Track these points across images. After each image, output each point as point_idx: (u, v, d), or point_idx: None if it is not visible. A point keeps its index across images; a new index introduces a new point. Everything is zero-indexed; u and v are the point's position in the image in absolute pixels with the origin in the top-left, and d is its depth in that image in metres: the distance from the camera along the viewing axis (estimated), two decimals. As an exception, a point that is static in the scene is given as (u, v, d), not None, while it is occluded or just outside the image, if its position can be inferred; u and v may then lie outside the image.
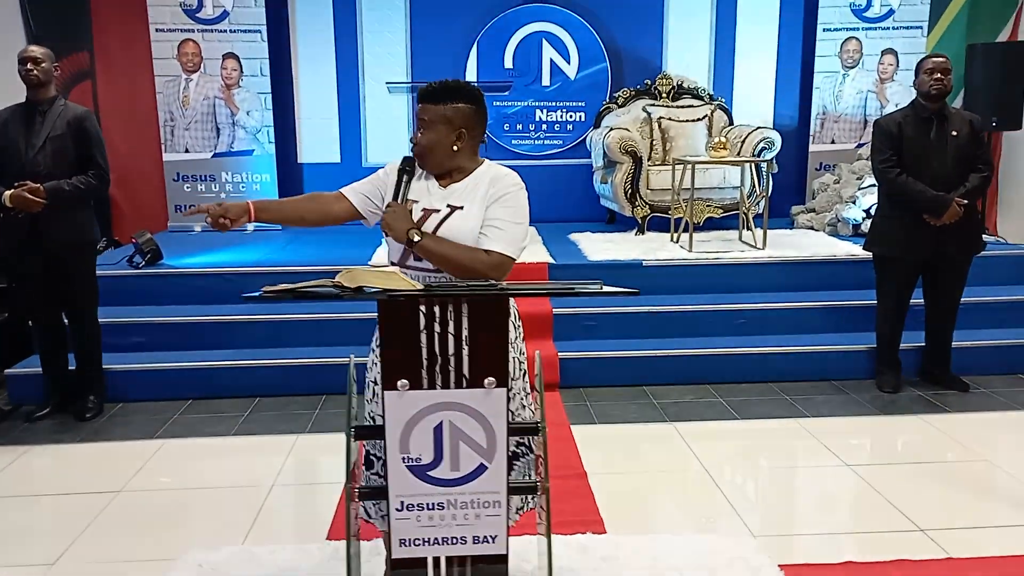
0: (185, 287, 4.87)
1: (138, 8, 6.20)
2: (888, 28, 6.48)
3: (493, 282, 1.87)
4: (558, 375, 4.40)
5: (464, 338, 1.81)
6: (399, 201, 2.09)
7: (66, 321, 4.10)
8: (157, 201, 6.45)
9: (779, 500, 3.24)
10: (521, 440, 2.12)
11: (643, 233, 5.87)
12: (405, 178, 2.11)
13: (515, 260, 2.08)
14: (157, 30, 6.18)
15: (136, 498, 3.24)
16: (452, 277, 2.04)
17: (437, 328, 1.81)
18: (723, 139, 5.31)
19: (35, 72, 3.77)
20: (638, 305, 4.64)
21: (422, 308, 1.80)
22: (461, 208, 2.09)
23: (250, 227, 6.38)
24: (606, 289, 1.85)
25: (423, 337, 1.81)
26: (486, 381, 1.83)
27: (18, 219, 3.74)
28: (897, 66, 6.50)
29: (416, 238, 2.01)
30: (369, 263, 4.93)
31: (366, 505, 2.12)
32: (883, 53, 6.51)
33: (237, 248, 5.60)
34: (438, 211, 2.09)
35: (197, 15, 6.20)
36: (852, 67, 6.54)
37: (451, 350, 1.82)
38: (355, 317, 4.43)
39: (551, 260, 5.04)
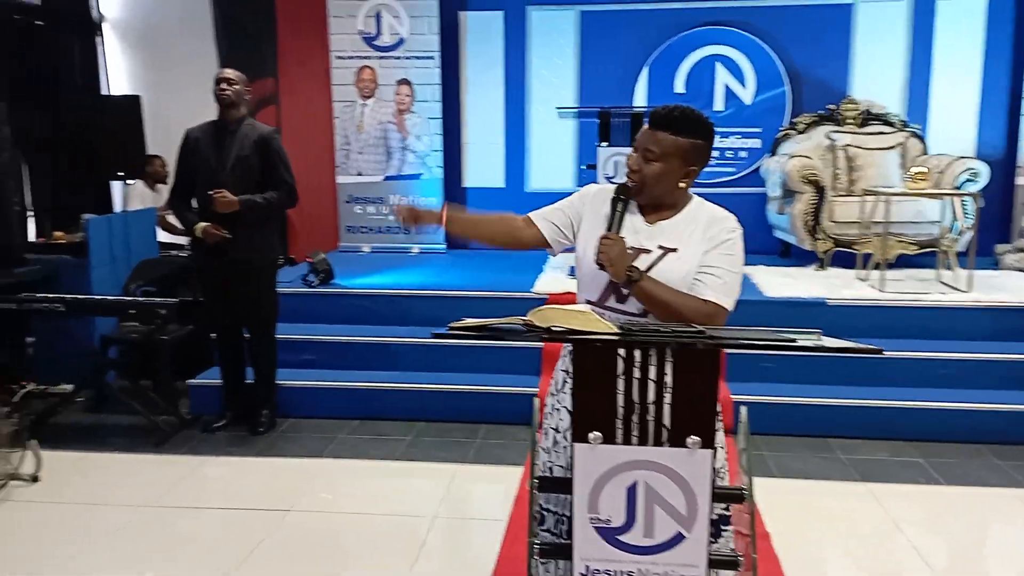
0: (354, 307, 4.94)
1: (320, 36, 6.46)
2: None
3: (701, 329, 1.67)
4: (732, 419, 4.09)
5: (666, 390, 1.62)
6: (616, 232, 1.91)
7: (246, 336, 4.24)
8: (330, 222, 6.67)
9: (998, 585, 2.83)
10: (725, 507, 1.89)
11: (824, 268, 5.44)
12: (620, 207, 1.93)
13: (729, 312, 1.90)
14: (338, 57, 6.41)
15: (302, 519, 3.24)
16: (652, 321, 1.86)
17: (636, 376, 1.63)
18: (923, 169, 4.83)
19: (228, 92, 3.94)
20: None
21: (621, 354, 1.63)
22: (675, 251, 1.90)
23: (416, 249, 6.48)
24: (831, 344, 1.60)
25: (620, 386, 1.64)
26: (689, 440, 1.62)
27: (208, 246, 3.91)
28: None
29: (636, 277, 1.84)
30: (532, 290, 4.83)
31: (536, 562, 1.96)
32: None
33: (403, 270, 5.66)
34: (648, 251, 1.91)
35: (375, 42, 6.39)
36: (1073, 90, 5.83)
37: (651, 402, 1.63)
38: (519, 346, 4.33)
39: (724, 294, 4.74)
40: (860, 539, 3.06)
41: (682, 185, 1.92)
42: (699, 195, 2.01)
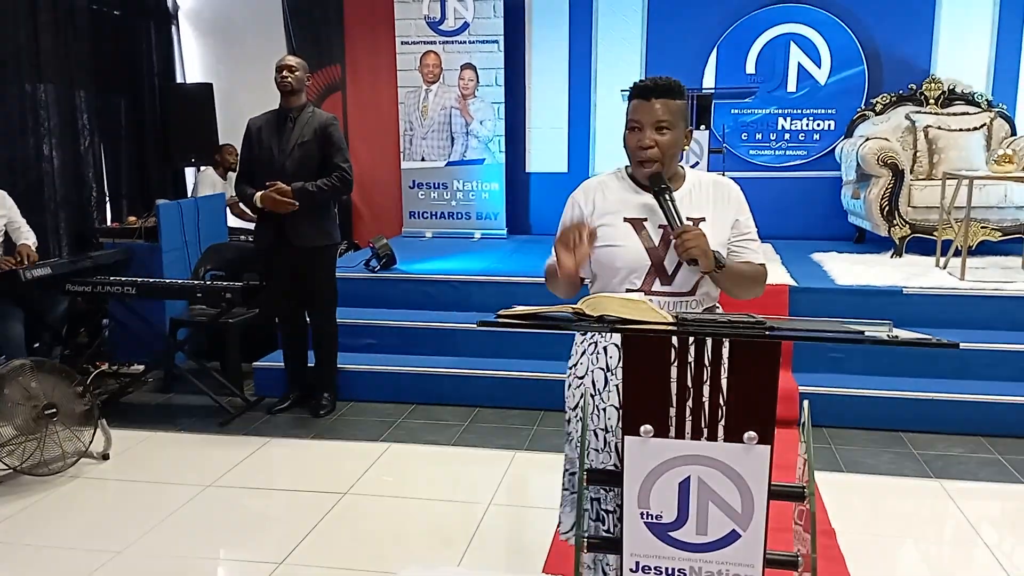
0: (415, 292, 4.95)
1: (386, 23, 6.48)
2: None
3: (762, 319, 1.59)
4: (797, 411, 3.96)
5: (722, 382, 1.55)
6: (681, 223, 1.86)
7: (308, 320, 4.29)
8: (394, 207, 6.71)
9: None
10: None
11: (900, 256, 5.21)
12: (668, 197, 1.88)
13: None
14: (403, 43, 6.42)
15: (360, 502, 3.27)
16: (699, 305, 1.82)
17: (691, 369, 1.57)
18: (1009, 151, 4.57)
19: (289, 79, 3.97)
20: (896, 338, 4.08)
21: (674, 344, 1.56)
22: (703, 219, 1.90)
23: (477, 234, 6.47)
24: (903, 336, 1.50)
25: (674, 378, 1.58)
26: (746, 435, 1.55)
27: (269, 216, 3.96)
28: None
29: (724, 263, 1.87)
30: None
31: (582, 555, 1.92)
32: None
33: (464, 255, 5.65)
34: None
35: (440, 27, 6.37)
36: None
37: (706, 396, 1.56)
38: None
39: (792, 282, 4.58)
40: (932, 539, 2.93)
41: (685, 148, 1.95)
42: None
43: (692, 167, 5.38)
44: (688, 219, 1.89)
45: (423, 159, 6.55)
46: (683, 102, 1.92)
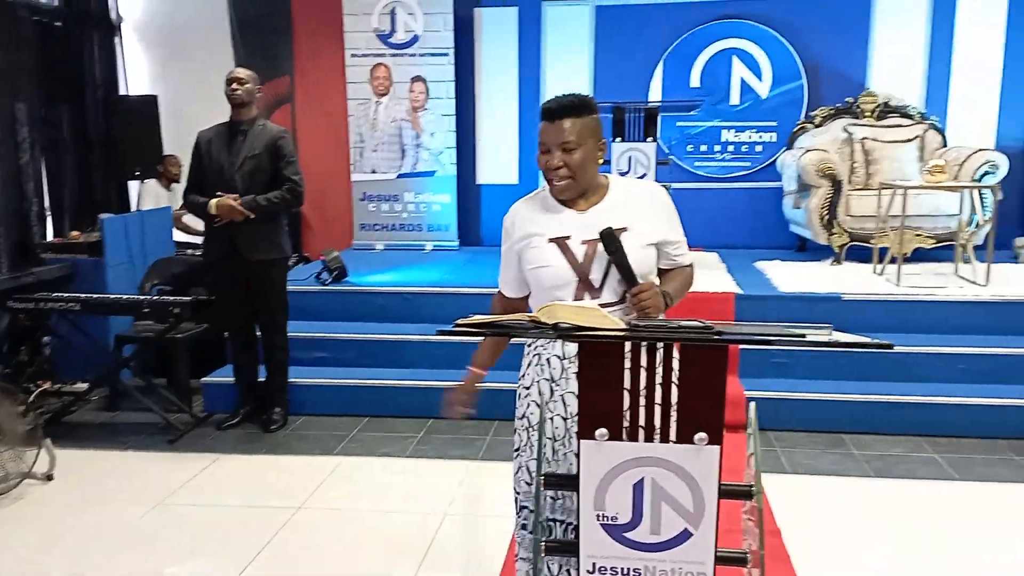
0: (367, 305, 4.95)
1: (336, 35, 6.47)
2: None
3: (709, 324, 1.65)
4: (744, 415, 4.06)
5: (673, 386, 1.61)
6: (636, 283, 1.90)
7: (258, 334, 4.25)
8: (345, 219, 6.68)
9: (1016, 583, 2.78)
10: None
11: (840, 263, 5.39)
12: (618, 256, 1.89)
13: None
14: (352, 55, 6.42)
15: (315, 516, 3.26)
16: (628, 312, 1.90)
17: (643, 374, 1.62)
18: (941, 162, 4.77)
19: (240, 92, 3.96)
20: (837, 343, 4.22)
21: (627, 350, 1.61)
22: (626, 230, 1.92)
23: (429, 246, 6.49)
24: (842, 339, 1.57)
25: (627, 382, 1.62)
26: (696, 437, 1.60)
27: (219, 229, 3.93)
28: None
29: (670, 302, 1.94)
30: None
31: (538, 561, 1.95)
32: None
33: (416, 267, 5.67)
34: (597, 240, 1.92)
35: (389, 40, 6.39)
36: (1095, 81, 5.74)
37: (658, 399, 1.61)
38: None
39: (738, 290, 4.71)
40: (874, 536, 3.03)
41: (599, 162, 1.97)
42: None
43: (640, 179, 5.47)
44: (611, 228, 1.91)
45: (374, 171, 6.55)
46: (591, 117, 1.94)
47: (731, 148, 6.37)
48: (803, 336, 1.58)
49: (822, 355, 4.25)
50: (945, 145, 5.78)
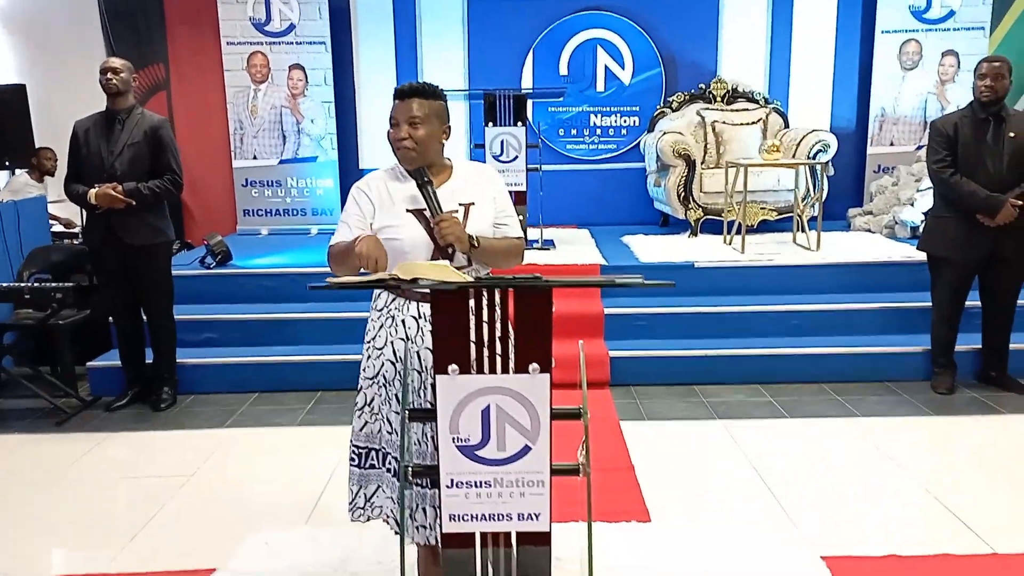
0: (253, 286, 5.10)
1: (210, 23, 6.51)
2: (949, 29, 6.40)
3: (538, 275, 1.98)
4: (608, 373, 4.49)
5: (511, 327, 1.93)
6: (440, 211, 2.18)
7: (144, 318, 4.35)
8: (227, 205, 6.75)
9: (824, 495, 3.25)
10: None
11: (696, 236, 5.91)
12: (430, 189, 2.19)
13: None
14: (228, 43, 6.48)
15: (207, 482, 3.43)
16: (482, 270, 2.19)
17: (486, 317, 1.94)
18: (776, 142, 5.33)
19: (114, 81, 4.03)
20: (689, 306, 4.70)
21: (471, 299, 1.93)
22: (473, 204, 2.24)
23: (314, 230, 6.64)
24: (645, 282, 1.94)
25: (472, 325, 1.94)
26: (531, 367, 1.94)
27: (100, 216, 4.01)
28: (958, 67, 6.41)
29: (476, 244, 2.17)
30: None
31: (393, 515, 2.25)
32: (944, 54, 6.43)
33: (301, 250, 5.83)
34: (455, 212, 2.22)
35: (265, 28, 6.49)
36: (912, 69, 6.47)
37: (498, 338, 1.94)
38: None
39: (603, 262, 5.13)
40: (716, 469, 3.47)
41: (442, 143, 2.26)
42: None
43: (512, 160, 5.73)
44: (460, 204, 2.22)
45: (255, 157, 6.64)
46: (438, 102, 2.22)
47: (599, 132, 6.82)
48: (612, 280, 1.94)
49: (677, 318, 4.72)
50: (787, 127, 6.39)
